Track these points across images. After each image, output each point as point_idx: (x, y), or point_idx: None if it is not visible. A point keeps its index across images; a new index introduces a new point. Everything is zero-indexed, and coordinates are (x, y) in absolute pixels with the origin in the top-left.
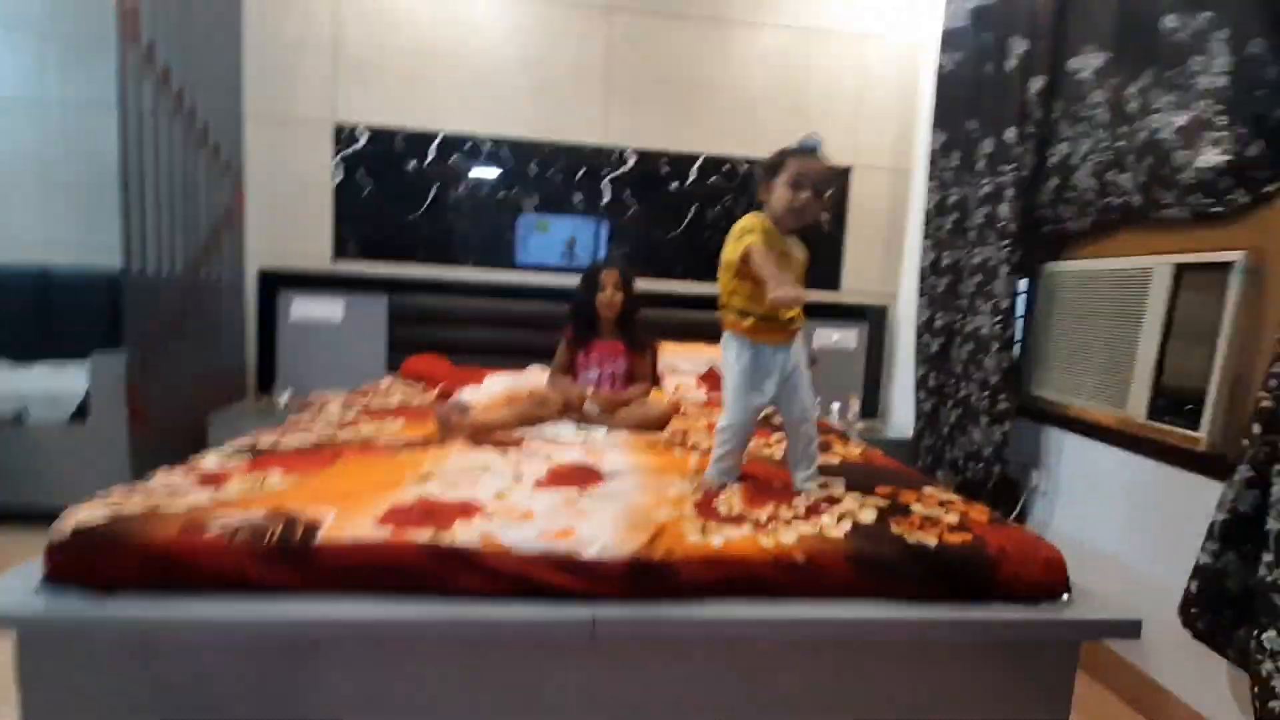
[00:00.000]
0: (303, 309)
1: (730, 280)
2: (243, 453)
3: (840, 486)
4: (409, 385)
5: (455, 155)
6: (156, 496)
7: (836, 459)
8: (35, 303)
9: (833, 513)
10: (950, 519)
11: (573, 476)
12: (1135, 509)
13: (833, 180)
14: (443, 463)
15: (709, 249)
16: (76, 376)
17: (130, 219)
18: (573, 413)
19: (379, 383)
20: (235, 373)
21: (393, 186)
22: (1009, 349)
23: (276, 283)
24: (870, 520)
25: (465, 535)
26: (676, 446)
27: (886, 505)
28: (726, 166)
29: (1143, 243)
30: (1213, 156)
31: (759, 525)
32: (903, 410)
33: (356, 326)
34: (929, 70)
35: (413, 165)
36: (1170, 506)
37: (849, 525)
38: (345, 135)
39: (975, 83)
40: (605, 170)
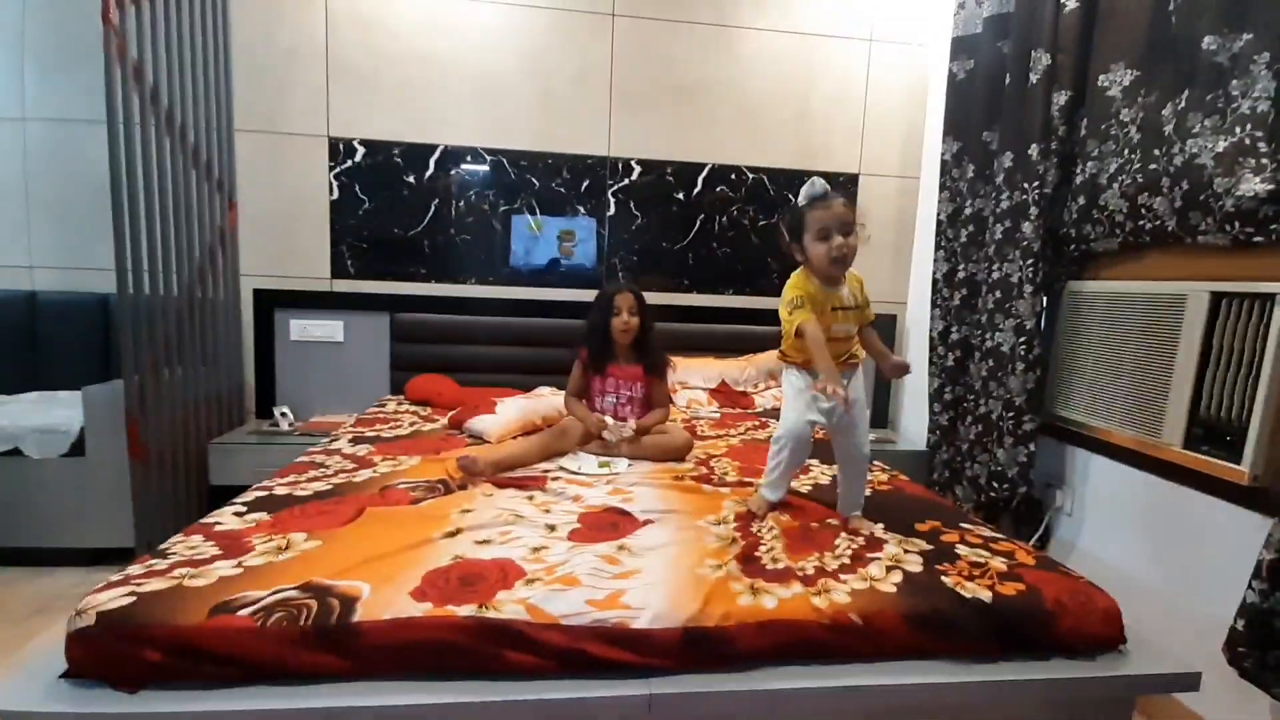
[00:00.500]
0: (301, 329)
1: (790, 336)
2: (260, 506)
3: (878, 526)
4: (415, 407)
5: (455, 168)
6: (177, 570)
7: (868, 490)
8: (21, 329)
9: (879, 561)
10: (998, 565)
11: (606, 524)
12: (1170, 538)
13: (850, 216)
14: (469, 513)
15: (716, 261)
16: (69, 407)
17: (124, 241)
18: (592, 442)
19: (384, 404)
20: (234, 397)
21: (391, 202)
22: (1034, 369)
23: (273, 303)
24: (918, 569)
25: (509, 607)
26: (704, 482)
27: (931, 549)
28: (733, 176)
29: (1174, 266)
30: (1255, 185)
31: (807, 581)
32: (913, 421)
33: (358, 346)
34: (938, 77)
35: (412, 179)
36: (1210, 538)
37: (899, 577)
38: (341, 149)
39: (991, 93)
40: (610, 181)
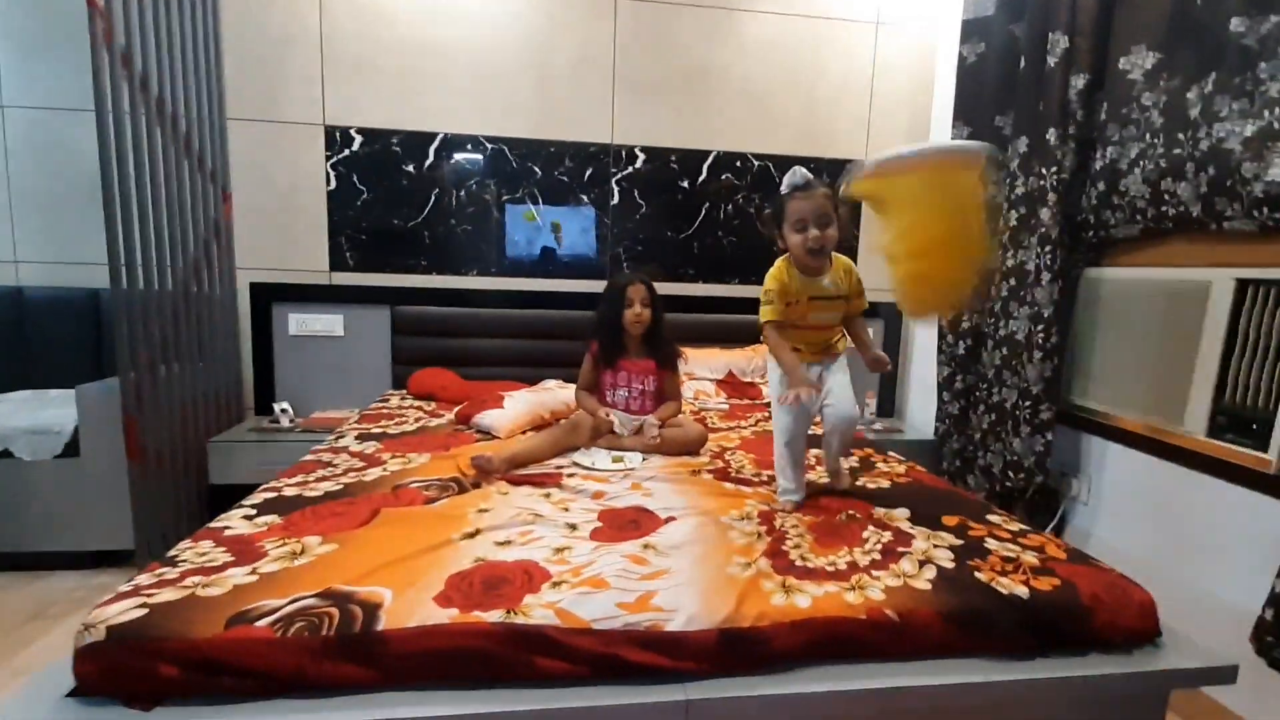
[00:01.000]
0: (300, 323)
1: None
2: (270, 509)
3: (904, 518)
4: (418, 401)
5: (456, 157)
6: (189, 579)
7: (886, 481)
8: (8, 326)
9: (910, 556)
10: (1030, 559)
11: (628, 522)
12: (1192, 527)
13: (829, 207)
14: (487, 513)
15: (723, 250)
16: (61, 407)
17: (116, 234)
18: (603, 437)
19: (387, 399)
20: (232, 393)
21: (390, 192)
22: (1052, 357)
23: (270, 297)
24: (950, 564)
25: (538, 612)
26: (721, 476)
27: (961, 544)
28: (738, 163)
29: (1197, 253)
30: None
31: (840, 577)
32: (920, 409)
33: (358, 340)
34: (946, 60)
35: (411, 169)
36: (1234, 527)
37: (933, 573)
38: (338, 138)
39: (1005, 77)
40: (613, 170)
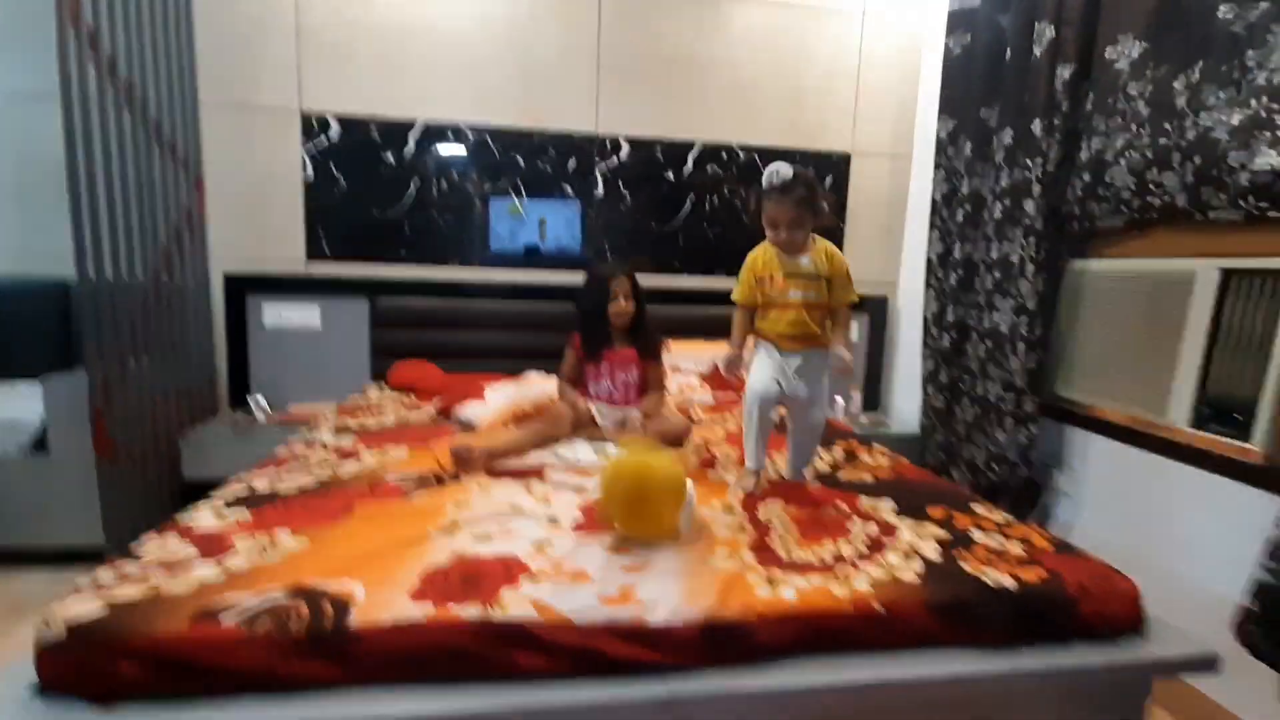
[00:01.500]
0: (276, 315)
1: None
2: (240, 503)
3: (888, 510)
4: (398, 395)
5: (436, 146)
6: (153, 575)
7: (869, 475)
8: None
9: (895, 547)
10: (1015, 549)
11: None
12: (1174, 517)
13: (803, 210)
14: (466, 507)
15: (708, 241)
16: (27, 399)
17: (82, 223)
18: (584, 430)
19: (366, 392)
20: (205, 387)
21: (369, 181)
22: (1036, 349)
23: (245, 288)
24: (936, 555)
25: (517, 607)
26: (708, 469)
27: (947, 536)
28: (724, 154)
29: (1182, 243)
30: (1271, 158)
31: (825, 569)
32: (905, 403)
33: (336, 332)
34: (931, 52)
35: (390, 157)
36: (1216, 517)
37: (920, 565)
38: (314, 125)
39: (990, 68)
40: (598, 160)
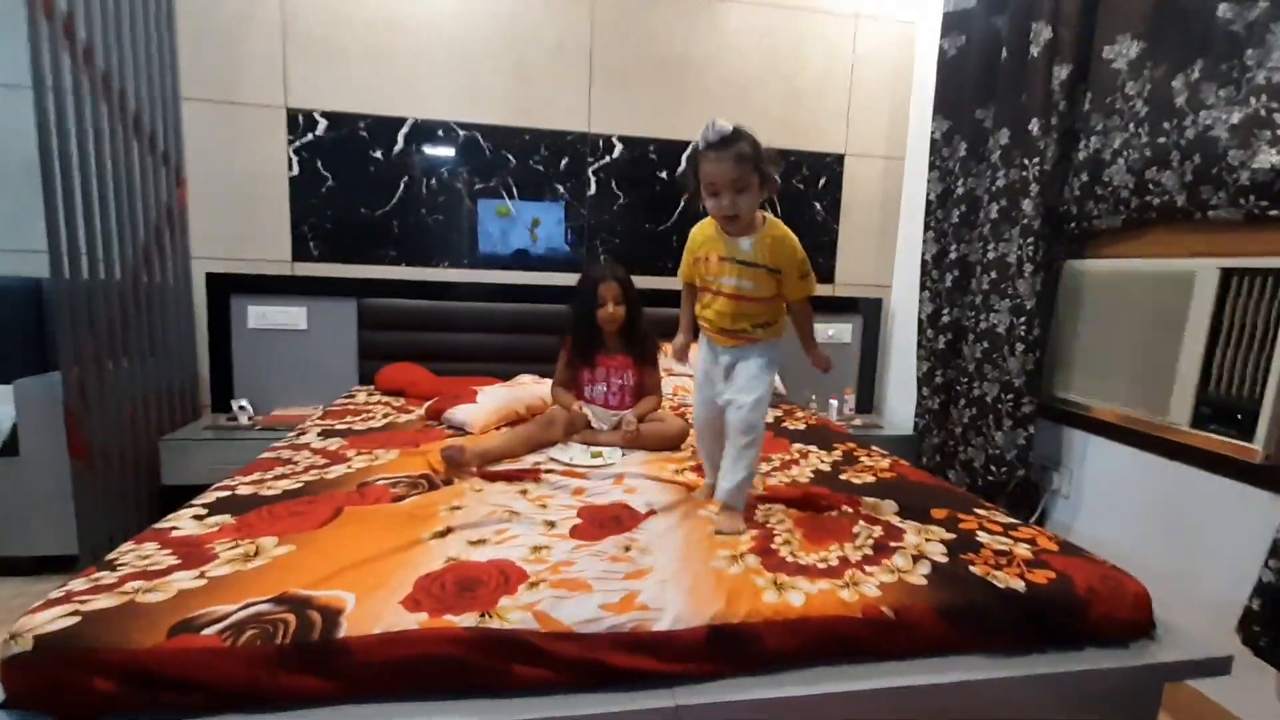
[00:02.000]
0: (260, 316)
1: None
2: (222, 508)
3: (892, 512)
4: (387, 397)
5: (426, 144)
6: (129, 584)
7: (870, 477)
8: None
9: (903, 551)
10: (1022, 551)
11: (609, 519)
12: (1175, 518)
13: (748, 170)
14: (460, 511)
15: None
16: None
17: (57, 218)
18: (578, 432)
19: (354, 395)
20: (187, 390)
21: (357, 179)
22: (1034, 350)
23: (229, 288)
24: (943, 559)
25: (515, 615)
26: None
27: (953, 538)
28: None
29: (1180, 242)
30: (1271, 157)
31: (832, 573)
32: (900, 405)
33: (322, 334)
34: (926, 53)
35: (379, 155)
36: (1218, 518)
37: (927, 568)
38: (300, 121)
39: (985, 69)
40: (590, 160)
